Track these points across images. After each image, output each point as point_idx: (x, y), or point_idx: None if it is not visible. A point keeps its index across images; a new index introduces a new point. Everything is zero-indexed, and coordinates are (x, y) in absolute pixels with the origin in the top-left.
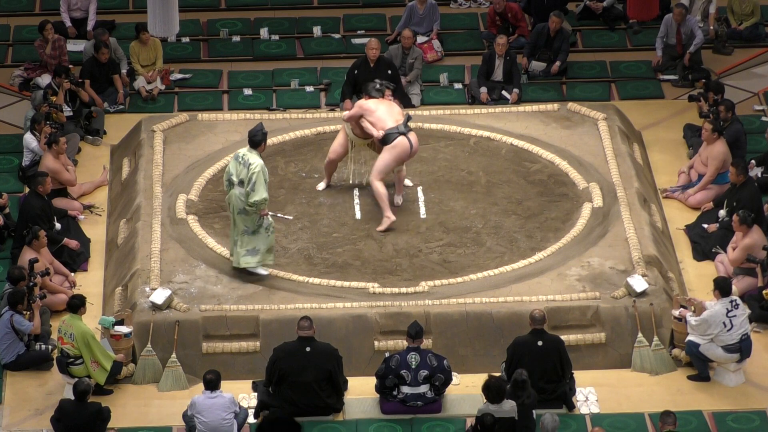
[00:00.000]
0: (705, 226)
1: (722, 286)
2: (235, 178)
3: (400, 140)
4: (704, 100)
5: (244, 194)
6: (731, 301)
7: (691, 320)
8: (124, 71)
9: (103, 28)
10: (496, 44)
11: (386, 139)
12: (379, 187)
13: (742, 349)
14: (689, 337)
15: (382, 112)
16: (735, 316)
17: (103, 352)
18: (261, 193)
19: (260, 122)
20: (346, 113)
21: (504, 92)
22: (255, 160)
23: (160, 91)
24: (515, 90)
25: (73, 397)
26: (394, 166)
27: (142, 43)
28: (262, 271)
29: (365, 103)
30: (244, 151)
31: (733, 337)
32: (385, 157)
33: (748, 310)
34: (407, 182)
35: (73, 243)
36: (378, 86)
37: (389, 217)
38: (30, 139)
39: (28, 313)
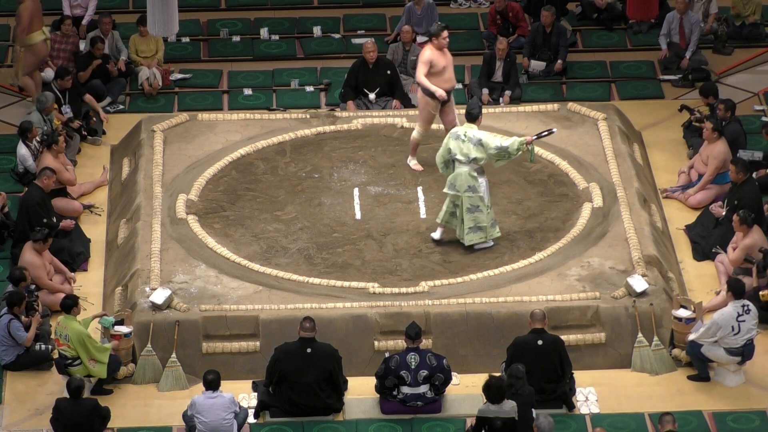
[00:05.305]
0: (715, 207)
1: (735, 288)
2: (461, 157)
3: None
4: (690, 112)
5: (475, 168)
6: (743, 306)
7: (698, 333)
8: (123, 58)
9: (109, 15)
10: (497, 48)
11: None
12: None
13: (745, 353)
14: (692, 336)
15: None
16: (744, 321)
17: (98, 347)
18: (499, 140)
19: (475, 97)
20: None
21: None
22: (479, 133)
23: (160, 87)
24: (507, 92)
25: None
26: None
27: (141, 35)
28: (490, 243)
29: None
30: (464, 129)
31: (738, 342)
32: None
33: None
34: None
35: (68, 222)
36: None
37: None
38: (26, 155)
39: (27, 319)
